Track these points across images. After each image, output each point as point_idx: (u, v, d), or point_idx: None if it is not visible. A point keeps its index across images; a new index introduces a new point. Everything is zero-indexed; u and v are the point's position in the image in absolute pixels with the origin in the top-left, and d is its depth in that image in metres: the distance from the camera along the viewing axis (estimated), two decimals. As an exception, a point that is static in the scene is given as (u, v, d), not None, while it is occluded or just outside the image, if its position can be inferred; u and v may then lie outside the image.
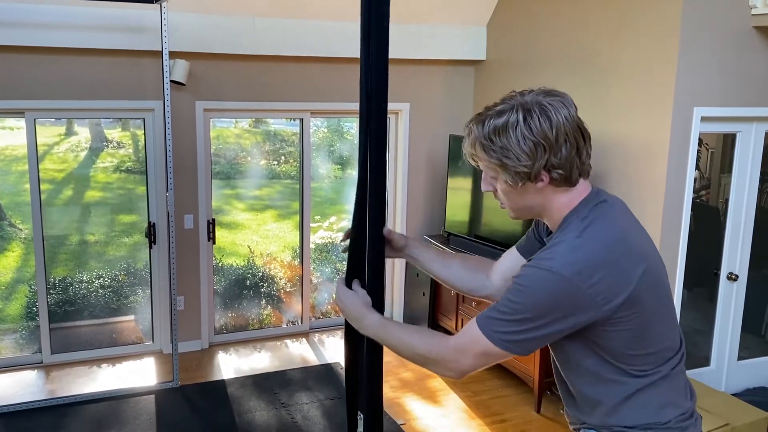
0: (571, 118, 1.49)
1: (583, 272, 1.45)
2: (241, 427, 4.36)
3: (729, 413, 3.91)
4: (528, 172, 1.49)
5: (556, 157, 1.48)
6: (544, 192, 1.55)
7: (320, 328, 6.10)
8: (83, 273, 5.55)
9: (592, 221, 1.53)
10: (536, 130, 1.46)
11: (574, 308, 1.46)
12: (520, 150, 1.47)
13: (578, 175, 1.54)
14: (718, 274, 4.66)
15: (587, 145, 1.54)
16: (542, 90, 1.52)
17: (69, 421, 4.38)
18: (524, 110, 1.47)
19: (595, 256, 1.47)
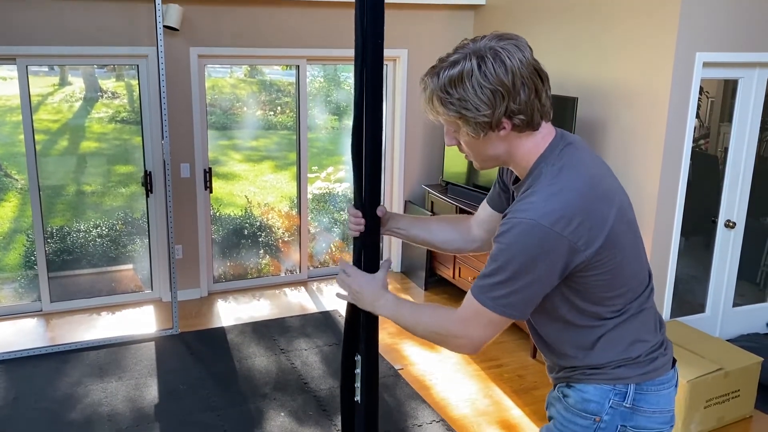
0: (527, 61, 1.45)
1: (562, 219, 1.43)
2: (241, 373, 4.41)
3: (723, 358, 3.96)
4: (489, 121, 1.46)
5: (516, 103, 1.44)
6: (507, 139, 1.52)
7: (318, 276, 6.13)
8: (80, 222, 5.55)
9: (562, 167, 1.51)
10: (492, 77, 1.42)
11: (559, 256, 1.45)
12: (478, 100, 1.43)
13: (540, 118, 1.51)
14: (715, 221, 4.66)
15: (545, 86, 1.50)
16: (495, 35, 1.49)
17: (70, 367, 4.43)
18: (478, 57, 1.43)
19: (572, 202, 1.45)
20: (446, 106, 1.47)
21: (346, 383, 1.96)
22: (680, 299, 4.69)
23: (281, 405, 4.05)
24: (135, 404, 4.02)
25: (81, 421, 3.83)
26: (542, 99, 1.49)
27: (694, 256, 5.05)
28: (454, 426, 3.90)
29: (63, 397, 4.07)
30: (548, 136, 1.56)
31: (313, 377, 4.37)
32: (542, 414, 4.03)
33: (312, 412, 3.98)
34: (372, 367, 1.93)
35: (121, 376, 4.33)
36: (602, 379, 1.63)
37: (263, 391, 4.19)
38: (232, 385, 4.26)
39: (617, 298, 1.59)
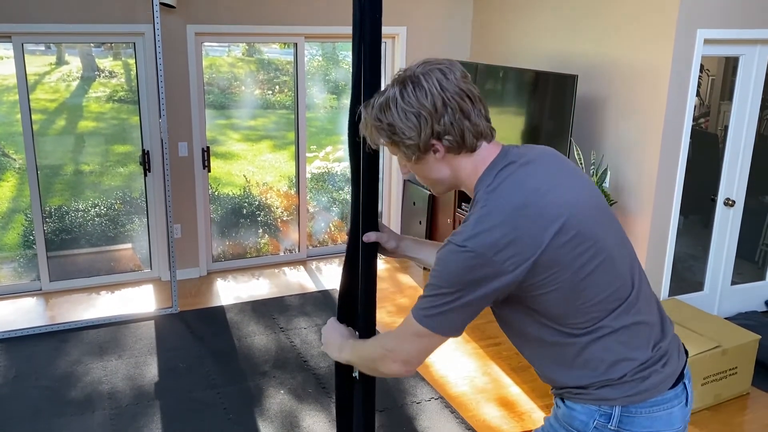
0: (447, 83, 1.47)
1: (488, 242, 1.44)
2: (240, 351, 4.43)
3: (720, 336, 3.97)
4: (417, 144, 1.49)
5: (440, 125, 1.47)
6: (447, 161, 1.54)
7: (317, 256, 6.13)
8: (79, 202, 5.54)
9: (495, 188, 1.51)
10: (412, 101, 1.46)
11: (485, 276, 1.46)
12: (403, 124, 1.47)
13: (474, 139, 1.52)
14: (715, 200, 4.66)
15: (477, 106, 1.51)
16: (423, 61, 1.53)
17: (70, 346, 4.44)
18: (400, 84, 1.49)
19: (498, 224, 1.45)
20: (381, 133, 1.52)
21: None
22: (679, 277, 4.70)
23: (281, 383, 4.07)
24: (135, 382, 4.04)
25: (81, 399, 3.85)
26: (472, 119, 1.50)
27: (693, 234, 5.05)
28: (453, 403, 3.92)
29: (63, 376, 4.09)
30: (489, 157, 1.56)
31: (312, 355, 4.39)
32: (540, 391, 4.06)
33: (311, 390, 4.00)
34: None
35: (120, 355, 4.34)
36: (587, 399, 1.60)
37: (263, 369, 4.21)
38: (232, 363, 4.27)
39: (579, 315, 1.54)
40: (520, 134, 5.06)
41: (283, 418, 3.73)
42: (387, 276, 5.72)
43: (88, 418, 3.69)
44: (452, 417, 3.78)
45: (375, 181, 1.85)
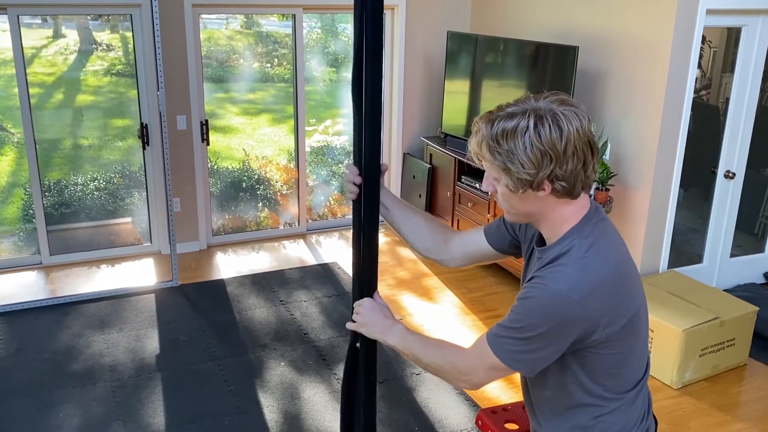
0: (583, 131, 1.44)
1: (591, 295, 1.44)
2: (241, 324, 4.45)
3: (719, 307, 3.99)
4: (531, 180, 1.45)
5: (562, 169, 1.43)
6: (544, 201, 1.51)
7: (317, 229, 6.14)
8: (78, 176, 5.53)
9: (595, 242, 1.50)
10: (545, 139, 1.41)
11: (580, 329, 1.46)
12: (525, 157, 1.43)
13: (581, 189, 1.49)
14: (715, 172, 4.65)
15: (594, 159, 1.48)
16: (558, 98, 1.47)
17: (71, 319, 4.46)
18: (536, 116, 1.42)
19: (603, 279, 1.46)
20: (493, 154, 1.47)
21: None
22: (678, 250, 4.71)
23: (281, 355, 4.10)
24: (136, 355, 4.06)
25: (83, 372, 3.88)
26: (588, 170, 1.47)
27: (693, 207, 5.05)
28: (452, 374, 3.94)
29: (65, 349, 4.11)
30: (584, 208, 1.54)
31: (312, 328, 4.41)
32: (539, 363, 4.09)
33: (311, 362, 4.03)
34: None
35: (121, 328, 4.37)
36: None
37: (263, 342, 4.24)
38: (233, 336, 4.30)
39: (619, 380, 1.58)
40: (520, 107, 5.02)
41: (283, 390, 3.76)
42: (387, 249, 5.72)
43: (90, 390, 3.72)
44: (451, 388, 3.81)
45: (377, 155, 1.85)
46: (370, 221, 1.91)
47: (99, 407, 3.57)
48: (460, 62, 5.54)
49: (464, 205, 5.35)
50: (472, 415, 3.58)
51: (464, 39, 5.53)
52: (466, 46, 5.49)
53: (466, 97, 5.53)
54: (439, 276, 5.22)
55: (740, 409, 3.73)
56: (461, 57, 5.51)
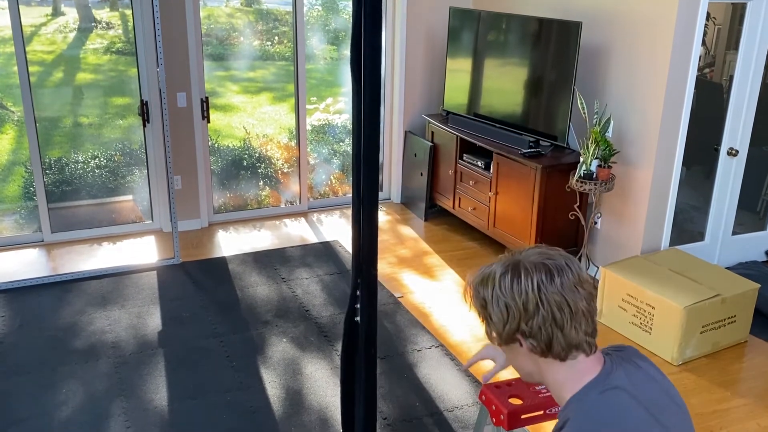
0: (552, 286, 1.33)
1: None
2: (243, 301, 4.46)
3: (720, 285, 3.99)
4: (500, 332, 1.39)
5: (527, 326, 1.35)
6: (533, 359, 1.41)
7: (318, 208, 6.13)
8: (78, 154, 5.51)
9: (595, 422, 1.34)
10: (506, 291, 1.35)
11: None
12: (492, 308, 1.38)
13: (564, 352, 1.36)
14: (718, 149, 4.63)
15: (576, 320, 1.34)
16: (542, 251, 1.40)
17: (73, 296, 4.47)
18: (505, 266, 1.38)
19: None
20: (474, 301, 1.44)
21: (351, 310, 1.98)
22: (679, 228, 4.70)
23: (283, 332, 4.11)
24: (138, 331, 4.08)
25: (86, 348, 3.89)
26: (565, 330, 1.34)
27: (695, 185, 5.04)
28: (453, 351, 3.96)
29: (67, 325, 4.13)
30: (588, 373, 1.38)
31: (314, 305, 4.42)
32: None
33: (313, 339, 4.04)
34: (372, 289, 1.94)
35: (123, 305, 4.38)
36: None
37: (265, 318, 4.25)
38: (235, 313, 4.31)
39: None
40: (523, 84, 5.00)
41: (285, 366, 3.78)
42: (388, 228, 5.72)
43: (93, 366, 3.74)
44: (452, 364, 3.83)
45: (376, 131, 1.83)
46: (370, 199, 1.90)
47: (101, 383, 3.59)
48: (462, 38, 5.50)
49: (466, 183, 5.34)
50: (472, 390, 3.60)
51: (466, 15, 5.48)
52: (469, 22, 5.44)
53: (468, 75, 5.50)
54: (441, 254, 5.22)
55: (740, 386, 3.74)
56: (463, 33, 5.47)
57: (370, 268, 1.97)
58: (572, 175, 4.45)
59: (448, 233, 5.62)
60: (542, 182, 4.55)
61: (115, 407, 3.41)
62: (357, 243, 1.99)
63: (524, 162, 4.66)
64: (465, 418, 3.38)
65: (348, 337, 2.06)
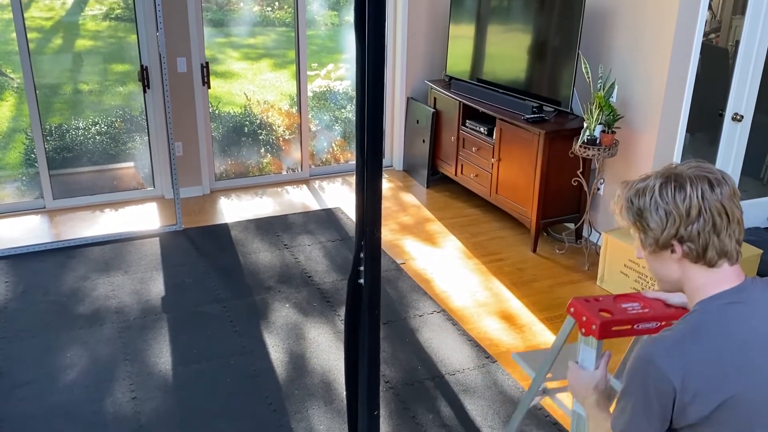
0: (713, 196, 1.43)
1: (673, 359, 1.40)
2: (245, 267, 4.47)
3: (722, 250, 3.99)
4: (657, 238, 1.48)
5: (687, 231, 1.44)
6: (682, 265, 1.50)
7: (320, 175, 6.12)
8: (79, 120, 5.49)
9: (713, 319, 1.44)
10: (668, 199, 1.45)
11: (663, 398, 1.41)
12: (650, 215, 1.47)
13: (716, 257, 1.45)
14: (722, 114, 4.59)
15: (732, 227, 1.45)
16: (697, 164, 1.49)
17: (76, 262, 4.48)
18: (664, 178, 1.48)
19: (697, 354, 1.40)
20: (627, 213, 1.54)
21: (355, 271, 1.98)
22: (682, 194, 4.68)
23: (286, 297, 4.13)
24: (142, 297, 4.09)
25: (89, 314, 3.91)
26: (721, 237, 1.44)
27: (699, 152, 5.00)
28: (455, 316, 3.98)
29: (70, 291, 4.14)
30: (726, 282, 1.47)
31: (316, 271, 4.43)
32: (541, 305, 4.12)
33: (316, 304, 4.06)
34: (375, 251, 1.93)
35: (126, 271, 4.39)
36: None
37: (268, 284, 4.26)
38: (237, 279, 4.32)
39: None
40: (526, 49, 4.95)
41: (288, 331, 3.80)
42: (390, 195, 5.72)
43: (97, 331, 3.76)
44: (454, 329, 3.85)
45: (380, 98, 1.81)
46: (374, 166, 1.89)
47: (105, 348, 3.62)
48: (465, 2, 5.43)
49: (468, 150, 5.31)
50: (474, 355, 3.62)
51: (469, -21, 5.40)
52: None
53: (471, 40, 5.43)
54: (443, 221, 5.22)
55: (741, 350, 3.76)
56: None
57: (373, 230, 1.97)
58: (575, 140, 4.43)
59: (450, 200, 5.62)
60: (545, 148, 4.52)
61: (119, 371, 3.43)
62: (360, 205, 1.99)
63: (527, 128, 4.63)
64: (466, 382, 3.41)
65: (351, 299, 2.07)
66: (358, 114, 1.87)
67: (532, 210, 4.69)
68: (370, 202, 1.94)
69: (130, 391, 3.29)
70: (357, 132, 1.91)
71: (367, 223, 1.97)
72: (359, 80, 1.83)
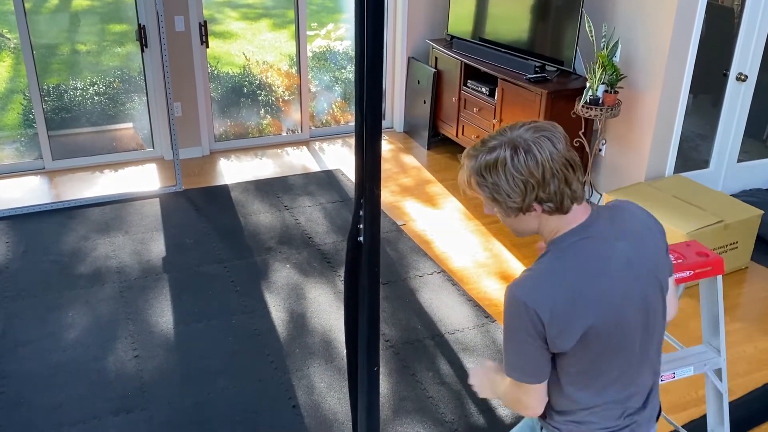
0: (558, 154, 1.50)
1: (535, 295, 1.50)
2: (246, 228, 4.47)
3: (723, 211, 3.98)
4: (519, 207, 1.53)
5: (545, 192, 1.51)
6: (540, 219, 1.59)
7: (320, 136, 6.08)
8: (77, 81, 5.44)
9: (562, 256, 1.55)
10: (523, 169, 1.49)
11: (534, 328, 1.51)
12: (509, 188, 1.51)
13: (570, 203, 1.55)
14: (727, 74, 4.54)
15: (577, 174, 1.54)
16: (532, 125, 1.53)
17: (76, 223, 4.48)
18: (512, 148, 1.50)
19: (554, 296, 1.51)
20: (481, 188, 1.56)
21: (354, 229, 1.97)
22: (684, 156, 4.66)
23: (286, 258, 4.14)
24: (142, 257, 4.10)
25: (90, 273, 3.93)
26: (572, 186, 1.54)
27: (701, 113, 4.96)
28: (455, 277, 3.99)
29: (71, 251, 4.15)
30: (575, 221, 1.59)
31: (317, 232, 4.43)
32: (542, 265, 4.12)
33: (317, 265, 4.07)
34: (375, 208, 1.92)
35: (127, 231, 4.39)
36: None
37: (268, 245, 4.27)
38: (238, 240, 4.33)
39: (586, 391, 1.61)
40: (529, 7, 4.87)
41: (289, 291, 3.82)
42: (391, 157, 5.69)
43: (98, 290, 3.78)
44: (454, 289, 3.86)
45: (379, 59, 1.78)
46: (373, 127, 1.86)
47: (107, 307, 3.64)
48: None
49: (470, 111, 5.27)
50: (473, 314, 3.64)
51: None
52: (474, -56, 5.27)
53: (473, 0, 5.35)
54: (443, 183, 5.20)
55: (739, 310, 3.78)
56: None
57: (373, 187, 1.96)
58: (578, 100, 4.39)
59: (450, 162, 5.59)
60: (547, 108, 4.49)
61: (121, 330, 3.46)
62: (360, 162, 1.97)
63: (529, 87, 4.58)
64: (466, 341, 3.43)
65: (351, 257, 2.06)
66: (357, 74, 1.85)
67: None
68: (370, 159, 1.92)
69: (132, 350, 3.32)
70: (356, 90, 1.89)
71: (367, 179, 1.96)
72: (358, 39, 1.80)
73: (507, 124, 1.56)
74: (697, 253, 2.03)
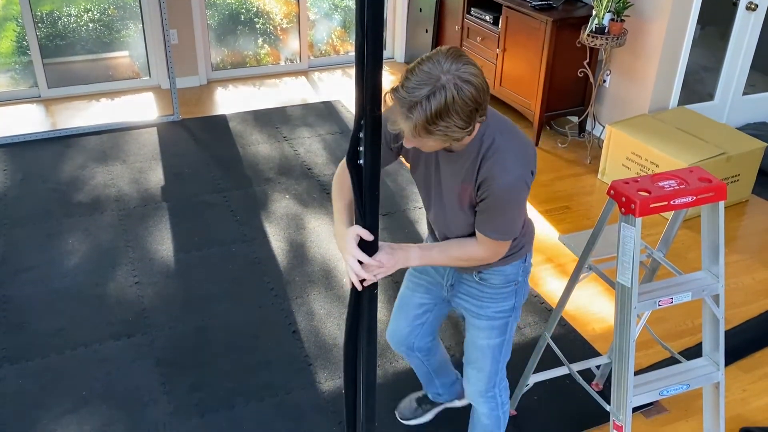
0: (478, 70, 1.58)
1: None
2: (245, 158, 4.44)
3: (726, 143, 3.95)
4: (469, 130, 1.61)
5: (483, 108, 1.61)
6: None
7: (319, 66, 5.98)
8: (70, 7, 5.30)
9: (503, 132, 1.74)
10: (469, 101, 1.55)
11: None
12: (462, 122, 1.57)
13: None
14: (736, 4, 4.43)
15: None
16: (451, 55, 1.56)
17: (73, 152, 4.45)
18: (455, 86, 1.53)
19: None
20: (433, 134, 1.58)
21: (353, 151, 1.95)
22: (689, 89, 4.58)
23: (286, 188, 4.12)
24: (141, 186, 4.08)
25: (89, 202, 3.91)
26: (488, 91, 1.64)
27: (708, 45, 4.86)
28: (455, 207, 3.98)
29: (69, 179, 4.13)
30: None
31: (316, 163, 4.40)
32: (540, 198, 4.10)
33: (316, 195, 4.05)
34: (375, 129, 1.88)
35: (125, 160, 4.36)
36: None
37: (268, 176, 4.24)
38: (237, 170, 4.30)
39: None
40: (535, -68, 4.71)
41: (288, 221, 3.81)
42: (391, 87, 5.60)
43: (97, 218, 3.77)
44: (454, 220, 3.86)
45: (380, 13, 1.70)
46: (374, 57, 1.80)
47: (107, 234, 3.64)
48: None
49: (473, 40, 5.16)
50: (473, 245, 3.65)
51: None
52: None
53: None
54: (444, 114, 5.13)
55: (738, 242, 3.79)
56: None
57: (374, 108, 1.92)
58: (583, 29, 4.29)
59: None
60: (552, 37, 4.39)
61: (121, 257, 3.47)
62: (360, 84, 1.92)
63: (534, 15, 4.47)
64: (465, 270, 3.44)
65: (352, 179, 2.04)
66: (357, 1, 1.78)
67: (536, 103, 4.61)
68: (370, 79, 1.87)
69: (132, 276, 3.34)
70: (357, 14, 1.82)
71: (367, 101, 1.91)
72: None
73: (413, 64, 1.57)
74: (700, 178, 2.02)
